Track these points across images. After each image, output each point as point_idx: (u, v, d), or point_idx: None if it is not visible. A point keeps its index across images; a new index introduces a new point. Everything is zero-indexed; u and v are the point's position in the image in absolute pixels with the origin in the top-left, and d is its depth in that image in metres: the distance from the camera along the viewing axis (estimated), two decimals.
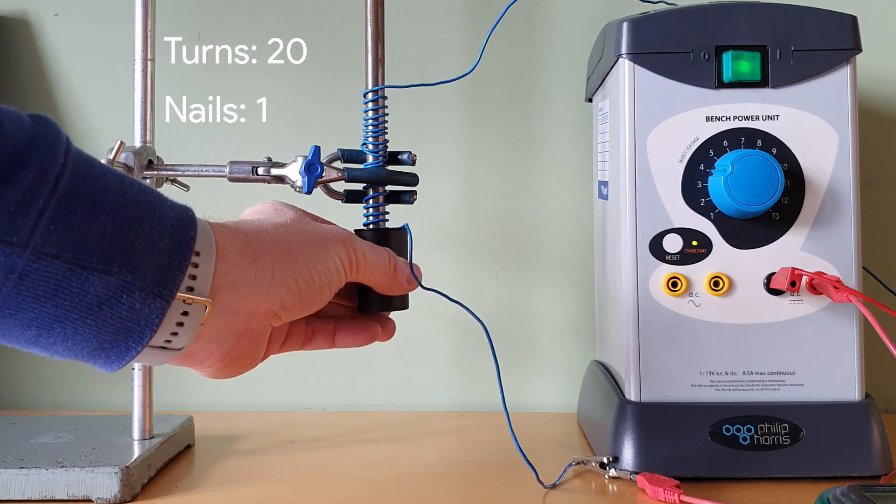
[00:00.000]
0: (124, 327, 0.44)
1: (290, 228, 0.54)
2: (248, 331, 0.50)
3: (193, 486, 0.64)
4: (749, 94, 0.65)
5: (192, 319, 0.46)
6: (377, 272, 0.57)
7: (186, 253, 0.46)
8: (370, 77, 0.66)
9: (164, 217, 0.46)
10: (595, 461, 0.64)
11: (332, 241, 0.55)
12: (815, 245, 0.64)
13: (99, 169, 0.44)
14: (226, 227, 0.50)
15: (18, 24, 0.90)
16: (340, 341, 0.60)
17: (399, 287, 0.60)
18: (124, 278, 0.43)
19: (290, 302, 0.51)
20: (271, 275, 0.50)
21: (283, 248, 0.52)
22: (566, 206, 0.89)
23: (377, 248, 0.58)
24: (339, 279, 0.54)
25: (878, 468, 0.62)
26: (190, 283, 0.46)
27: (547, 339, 0.89)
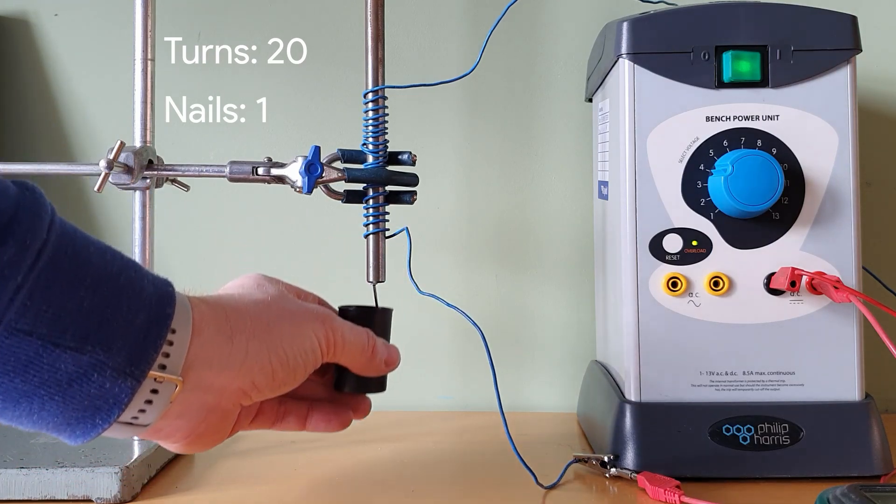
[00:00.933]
0: (92, 405, 0.43)
1: (271, 305, 0.53)
2: (217, 407, 0.50)
3: (193, 486, 0.64)
4: (749, 94, 0.65)
5: (161, 397, 0.46)
6: (354, 354, 0.57)
7: (162, 331, 0.45)
8: (370, 77, 0.66)
9: (144, 292, 0.45)
10: (595, 459, 0.64)
11: (311, 320, 0.54)
12: (815, 245, 0.64)
13: (82, 241, 0.44)
14: (204, 303, 0.50)
15: (18, 24, 0.90)
16: (311, 425, 0.60)
17: (376, 369, 0.59)
18: (97, 356, 0.42)
19: (261, 381, 0.51)
20: (245, 352, 0.50)
21: (260, 325, 0.51)
22: (566, 206, 0.89)
23: (356, 328, 0.58)
24: (314, 360, 0.54)
25: (878, 468, 0.62)
26: (163, 361, 0.46)
27: (547, 339, 0.89)
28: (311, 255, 0.89)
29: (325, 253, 0.89)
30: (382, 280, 0.67)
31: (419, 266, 0.67)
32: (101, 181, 0.64)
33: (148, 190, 0.68)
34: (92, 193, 0.89)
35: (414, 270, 0.66)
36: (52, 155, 0.88)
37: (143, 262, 0.69)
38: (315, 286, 0.88)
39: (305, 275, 0.88)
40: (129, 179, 0.66)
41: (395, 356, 0.61)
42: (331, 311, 0.58)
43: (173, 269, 0.88)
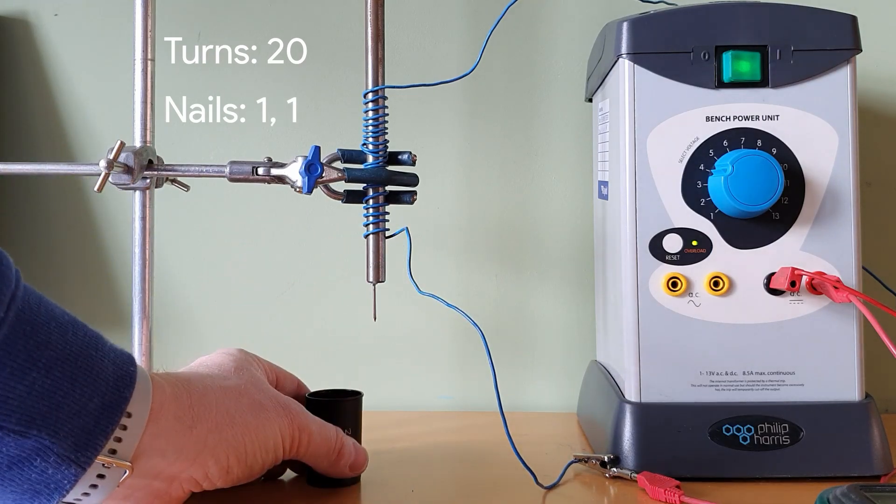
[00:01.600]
0: (32, 489, 0.43)
1: (241, 394, 0.52)
2: (164, 494, 0.49)
3: None
4: (749, 94, 0.65)
5: (108, 481, 0.45)
6: (318, 455, 0.56)
7: (116, 415, 0.44)
8: (370, 77, 0.66)
9: (103, 374, 0.44)
10: (595, 459, 0.64)
11: (280, 416, 0.53)
12: (815, 245, 0.64)
13: (44, 317, 0.43)
14: (171, 385, 0.49)
15: (18, 24, 0.90)
16: None
17: (339, 472, 0.59)
18: (42, 441, 0.42)
19: (215, 473, 0.50)
20: (203, 444, 0.49)
21: (225, 416, 0.50)
22: (566, 206, 0.89)
23: (326, 427, 0.57)
24: (273, 458, 0.53)
25: (878, 468, 0.62)
26: (114, 446, 0.45)
27: (547, 339, 0.89)
28: (311, 255, 0.89)
29: (325, 253, 0.89)
30: (382, 280, 0.67)
31: (419, 266, 0.67)
32: (101, 181, 0.64)
33: (148, 190, 0.68)
34: (92, 193, 0.89)
35: (414, 270, 0.66)
36: (52, 155, 0.88)
37: (143, 262, 0.69)
38: (315, 286, 0.89)
39: (305, 275, 0.89)
40: (129, 179, 0.66)
41: (362, 461, 0.60)
42: (301, 406, 0.56)
43: (173, 269, 0.88)
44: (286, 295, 0.89)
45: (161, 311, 0.85)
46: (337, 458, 0.57)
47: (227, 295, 0.89)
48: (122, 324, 0.85)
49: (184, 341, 0.88)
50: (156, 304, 0.71)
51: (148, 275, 0.69)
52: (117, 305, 0.88)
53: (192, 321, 0.89)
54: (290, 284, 0.89)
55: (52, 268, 0.89)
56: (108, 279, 0.89)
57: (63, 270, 0.89)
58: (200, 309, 0.90)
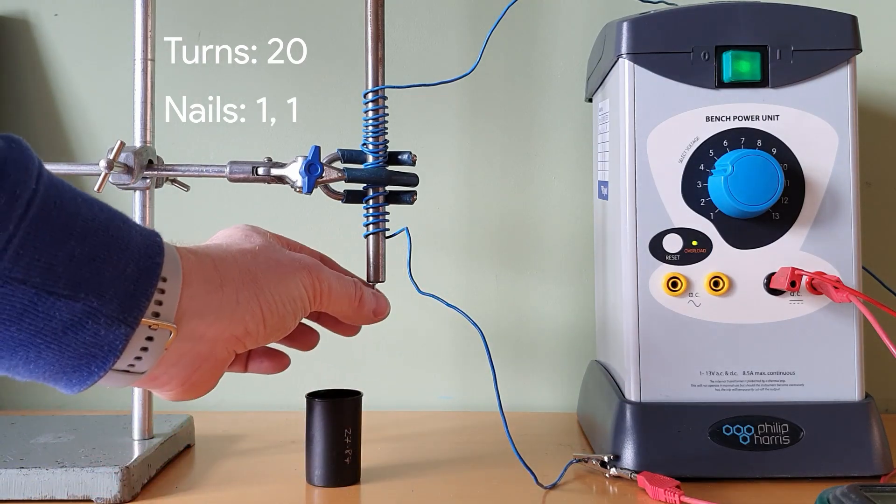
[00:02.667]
0: (88, 352, 0.44)
1: (258, 255, 0.54)
2: (210, 356, 0.50)
3: (193, 486, 0.64)
4: (749, 94, 0.65)
5: (155, 345, 0.46)
6: (342, 302, 0.58)
7: (153, 279, 0.46)
8: (370, 77, 0.66)
9: (133, 243, 0.45)
10: (596, 459, 0.64)
11: (298, 269, 0.55)
12: (815, 245, 0.64)
13: (69, 193, 0.44)
14: (193, 253, 0.50)
15: (18, 24, 0.90)
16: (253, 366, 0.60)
17: (364, 318, 0.60)
18: (90, 304, 0.43)
19: (253, 328, 0.51)
20: (236, 302, 0.50)
21: (248, 275, 0.52)
22: (566, 206, 0.89)
23: (344, 278, 0.58)
24: (302, 307, 0.54)
25: (878, 468, 0.62)
26: (156, 309, 0.46)
27: (547, 339, 0.89)
28: None
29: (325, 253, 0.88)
30: (382, 280, 0.67)
31: (419, 266, 0.67)
32: (101, 181, 0.63)
33: (148, 190, 0.68)
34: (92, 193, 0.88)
35: (414, 270, 0.66)
36: (52, 155, 0.88)
37: None
38: None
39: None
40: (129, 179, 0.66)
41: (384, 305, 0.61)
42: (317, 261, 0.58)
43: None
44: None
45: None
46: (359, 306, 0.59)
47: None
48: None
49: None
50: None
51: None
52: None
53: None
54: None
55: None
56: None
57: None
58: None
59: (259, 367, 0.60)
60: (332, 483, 0.62)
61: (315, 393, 0.64)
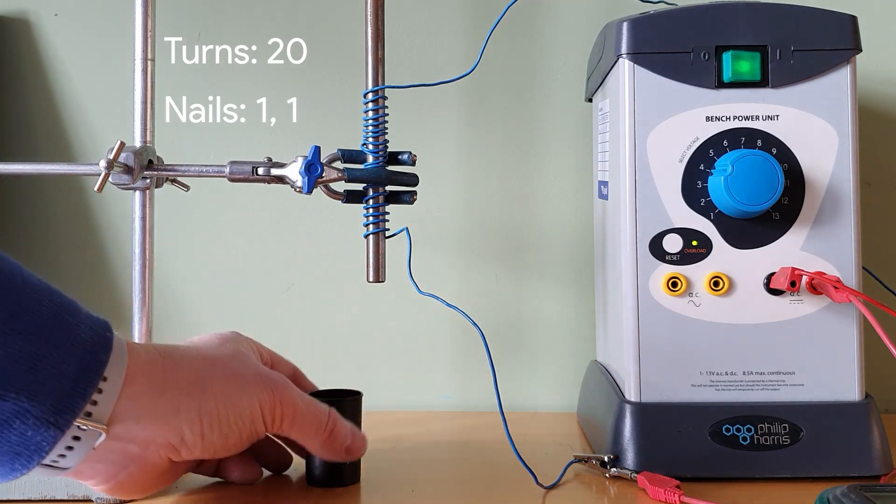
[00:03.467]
0: (12, 450, 0.43)
1: (217, 364, 0.52)
2: (140, 458, 0.49)
3: (194, 486, 0.64)
4: (749, 94, 0.65)
5: (83, 444, 0.46)
6: (307, 431, 0.55)
7: (94, 379, 0.45)
8: (370, 77, 0.66)
9: (79, 339, 0.44)
10: (596, 459, 0.64)
11: (259, 386, 0.52)
12: (815, 245, 0.64)
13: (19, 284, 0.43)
14: (146, 352, 0.49)
15: (18, 24, 0.90)
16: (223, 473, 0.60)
17: (336, 453, 0.57)
18: (21, 404, 0.42)
19: (190, 439, 0.50)
20: (176, 408, 0.49)
21: (197, 384, 0.50)
22: (566, 206, 0.89)
23: (316, 404, 0.56)
24: (252, 428, 0.52)
25: (878, 468, 0.62)
26: (90, 409, 0.45)
27: (547, 339, 0.89)
28: (310, 256, 0.89)
29: (325, 253, 0.89)
30: (382, 280, 0.67)
31: (419, 266, 0.67)
32: (101, 181, 0.64)
33: (148, 190, 0.68)
34: (92, 193, 0.89)
35: (414, 270, 0.66)
36: (52, 155, 0.88)
37: (143, 262, 0.69)
38: (315, 286, 0.89)
39: (305, 275, 0.89)
40: (129, 179, 0.66)
41: (360, 444, 0.58)
42: (289, 382, 0.55)
43: (173, 269, 0.88)
44: (286, 295, 0.89)
45: (161, 311, 0.85)
46: (329, 438, 0.56)
47: (227, 295, 0.89)
48: (122, 323, 0.85)
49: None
50: (156, 303, 0.71)
51: (148, 275, 0.69)
52: (117, 305, 0.88)
53: (192, 321, 0.89)
54: (289, 285, 0.89)
55: (52, 268, 0.89)
56: (108, 279, 0.89)
57: (63, 270, 0.89)
58: (200, 309, 0.90)
59: (228, 475, 0.59)
60: (332, 483, 0.62)
61: (315, 393, 0.64)
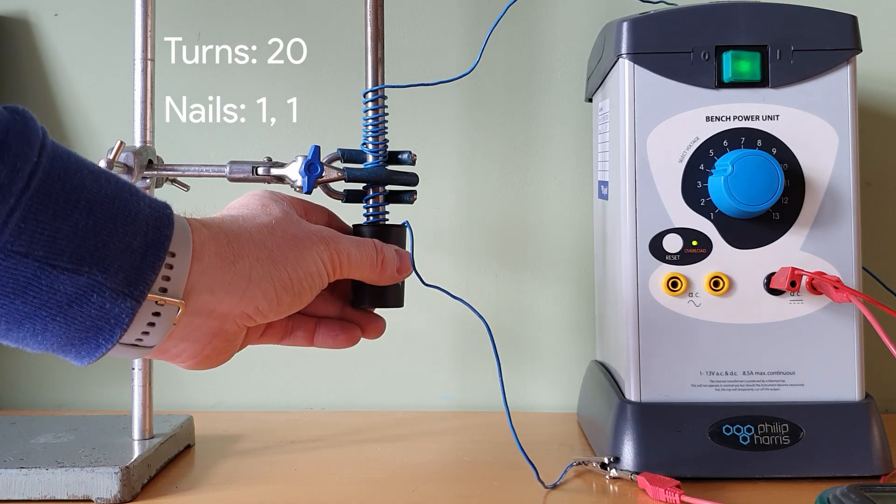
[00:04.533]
0: (94, 325, 0.44)
1: (275, 229, 0.53)
2: (221, 331, 0.50)
3: (193, 486, 0.64)
4: (749, 94, 0.65)
5: (163, 319, 0.46)
6: (364, 268, 0.57)
7: (160, 253, 0.45)
8: (370, 77, 0.66)
9: (140, 215, 0.45)
10: (596, 462, 0.64)
11: (315, 243, 0.54)
12: (815, 245, 0.64)
13: (75, 165, 0.44)
14: (206, 226, 0.50)
15: (18, 24, 0.90)
16: (319, 341, 0.60)
17: (390, 278, 0.59)
18: (94, 278, 0.43)
19: (265, 306, 0.51)
20: (248, 279, 0.50)
21: (263, 250, 0.51)
22: (566, 206, 0.89)
23: (363, 242, 0.57)
24: (320, 282, 0.54)
25: (878, 468, 0.62)
26: (163, 284, 0.46)
27: (547, 339, 0.89)
28: None
29: None
30: None
31: (419, 265, 0.67)
32: None
33: (148, 190, 0.68)
34: None
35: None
36: None
37: None
38: None
39: None
40: (129, 179, 0.66)
41: (407, 262, 0.60)
42: (335, 232, 0.57)
43: None
44: None
45: None
46: (383, 267, 0.58)
47: None
48: None
49: None
50: None
51: None
52: None
53: None
54: None
55: None
56: None
57: None
58: None
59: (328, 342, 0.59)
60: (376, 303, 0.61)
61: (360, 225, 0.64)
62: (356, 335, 0.61)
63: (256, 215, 0.54)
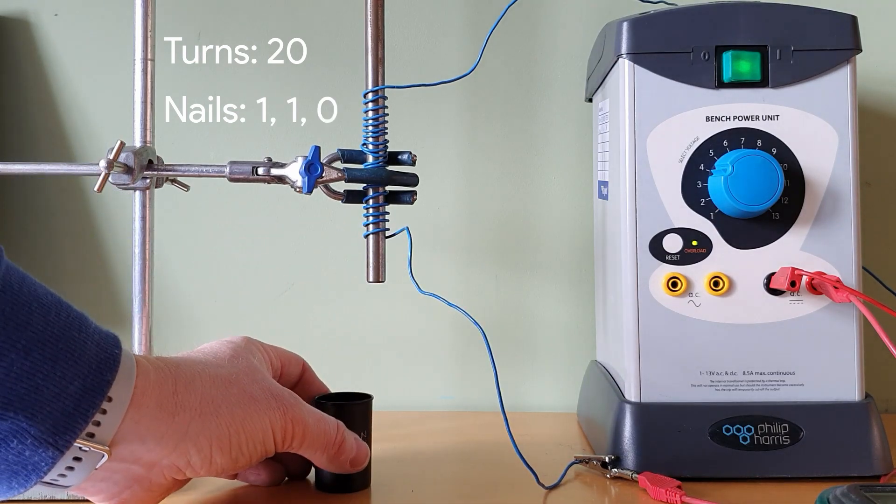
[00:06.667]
0: (9, 469, 0.42)
1: (232, 384, 0.50)
2: (145, 479, 0.48)
3: (193, 486, 0.64)
4: (749, 94, 0.65)
5: (85, 464, 0.45)
6: (316, 448, 0.54)
7: (96, 400, 0.44)
8: (370, 77, 0.66)
9: (84, 356, 0.43)
10: (597, 460, 0.64)
11: (271, 408, 0.51)
12: (815, 245, 0.64)
13: (26, 297, 0.42)
14: (156, 370, 0.48)
15: (18, 24, 0.90)
16: (242, 476, 0.58)
17: (340, 467, 0.56)
18: (19, 423, 0.41)
19: (197, 462, 0.48)
20: (185, 432, 0.47)
21: (209, 405, 0.48)
22: (566, 206, 0.89)
23: (324, 419, 0.55)
24: (262, 451, 0.51)
25: (878, 468, 0.62)
26: (92, 429, 0.44)
27: (547, 339, 0.89)
28: (311, 256, 0.89)
29: (325, 253, 0.89)
30: (382, 280, 0.67)
31: (419, 266, 0.67)
32: (100, 181, 0.64)
33: (148, 190, 0.68)
34: (92, 193, 0.89)
35: (414, 270, 0.66)
36: (52, 155, 0.88)
37: (142, 262, 0.69)
38: (315, 286, 0.89)
39: (305, 275, 0.89)
40: (129, 179, 0.66)
41: (363, 456, 0.58)
42: (298, 399, 0.54)
43: (173, 269, 0.88)
44: (286, 295, 0.89)
45: (161, 311, 0.85)
46: (337, 453, 0.55)
47: (227, 295, 0.89)
48: (122, 323, 0.85)
49: (184, 341, 0.88)
50: (156, 303, 0.71)
51: (148, 275, 0.69)
52: (117, 305, 0.88)
53: (192, 321, 0.89)
54: (290, 285, 0.89)
55: (52, 268, 0.89)
56: (108, 279, 0.89)
57: (63, 270, 0.89)
58: (200, 309, 0.90)
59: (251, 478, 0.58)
60: (347, 489, 0.60)
61: (325, 396, 0.63)
62: (280, 475, 0.59)
63: (220, 365, 0.52)
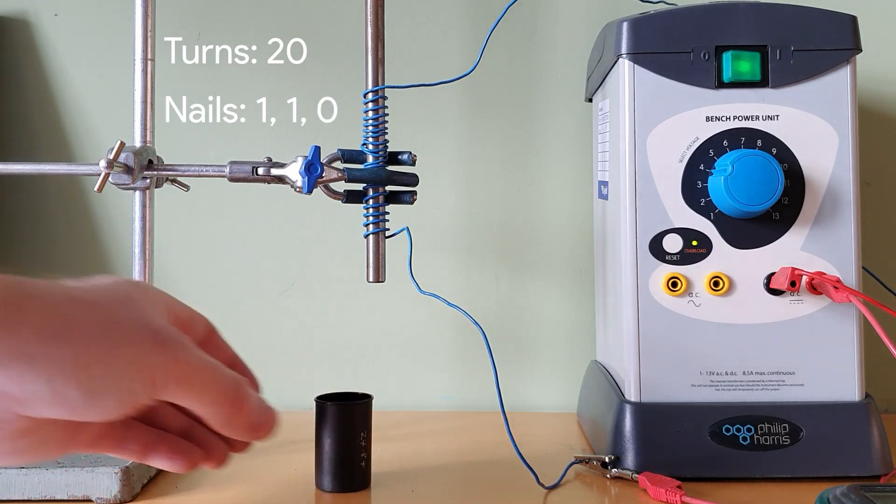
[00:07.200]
0: None
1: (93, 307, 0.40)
2: None
3: (193, 486, 0.64)
4: (749, 94, 0.65)
5: None
6: (204, 398, 0.43)
7: None
8: (370, 77, 0.66)
9: None
10: (597, 459, 0.64)
11: (144, 341, 0.41)
12: (815, 245, 0.64)
13: None
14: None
15: (18, 24, 0.90)
16: (154, 459, 0.47)
17: (238, 430, 0.45)
18: None
19: (38, 391, 0.38)
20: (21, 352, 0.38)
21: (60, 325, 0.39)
22: (566, 206, 0.89)
23: (219, 368, 0.44)
24: (129, 387, 0.40)
25: (878, 468, 0.62)
26: None
27: (547, 339, 0.89)
28: (311, 256, 0.89)
29: (325, 253, 0.89)
30: (382, 280, 0.67)
31: (419, 266, 0.67)
32: (101, 181, 0.64)
33: (148, 190, 0.68)
34: (92, 193, 0.89)
35: (414, 270, 0.66)
36: (52, 155, 0.88)
37: (142, 262, 0.69)
38: (315, 286, 0.89)
39: (305, 275, 0.89)
40: (129, 179, 0.66)
41: (269, 423, 0.47)
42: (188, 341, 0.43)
43: (173, 269, 0.88)
44: (286, 295, 0.89)
45: None
46: (233, 412, 0.44)
47: (227, 295, 0.89)
48: None
49: None
50: None
51: (148, 275, 0.69)
52: None
53: None
54: (289, 284, 0.89)
55: (53, 268, 0.89)
56: None
57: (63, 270, 0.89)
58: (200, 309, 0.89)
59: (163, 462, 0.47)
60: (347, 488, 0.61)
61: (324, 396, 0.64)
62: (196, 460, 0.48)
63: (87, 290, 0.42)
